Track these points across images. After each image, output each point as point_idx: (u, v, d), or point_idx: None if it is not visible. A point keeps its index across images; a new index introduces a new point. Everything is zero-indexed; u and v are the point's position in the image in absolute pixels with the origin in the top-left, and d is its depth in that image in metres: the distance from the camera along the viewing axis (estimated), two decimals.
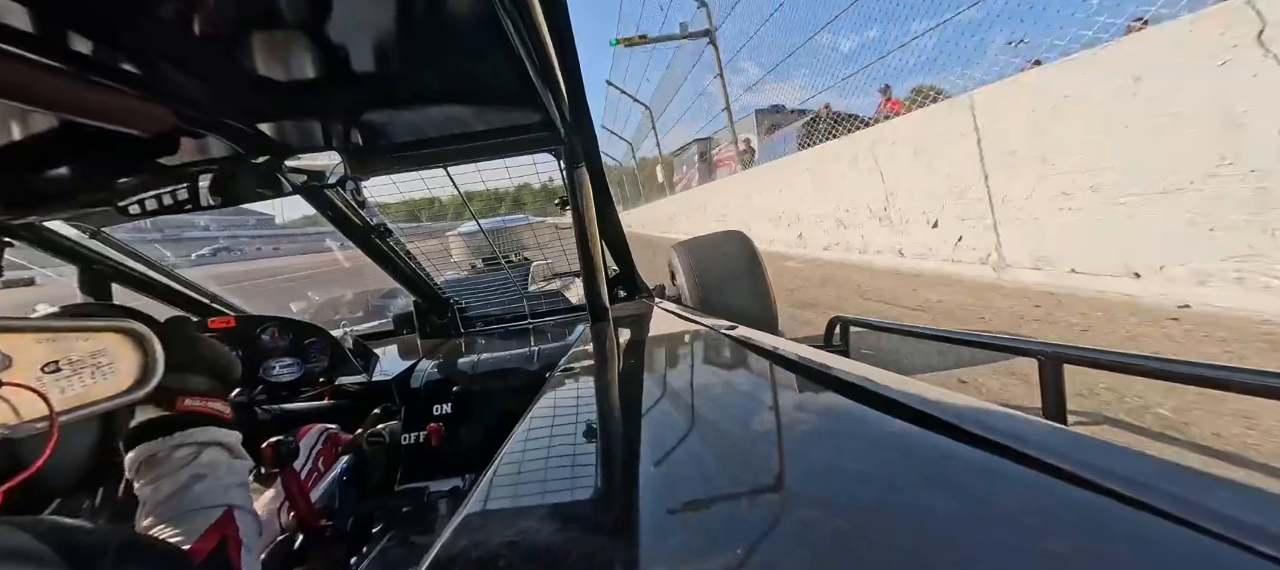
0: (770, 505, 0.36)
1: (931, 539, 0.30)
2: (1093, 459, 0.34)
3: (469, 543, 0.37)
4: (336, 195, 1.16)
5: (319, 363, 1.43)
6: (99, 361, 0.61)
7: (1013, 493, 0.33)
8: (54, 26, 0.53)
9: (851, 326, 1.25)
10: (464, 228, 2.05)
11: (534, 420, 0.60)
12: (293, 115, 0.85)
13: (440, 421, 1.35)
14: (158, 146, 0.83)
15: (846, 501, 0.35)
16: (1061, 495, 0.32)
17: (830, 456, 0.42)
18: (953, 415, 0.42)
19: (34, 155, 0.81)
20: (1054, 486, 0.33)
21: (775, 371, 0.66)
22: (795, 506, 0.35)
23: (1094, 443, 0.36)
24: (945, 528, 0.31)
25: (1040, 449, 0.35)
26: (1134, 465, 0.33)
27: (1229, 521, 0.27)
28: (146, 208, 0.82)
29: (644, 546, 0.34)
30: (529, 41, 0.67)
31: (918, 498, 0.34)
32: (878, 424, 0.46)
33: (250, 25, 0.59)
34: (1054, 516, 0.31)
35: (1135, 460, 0.34)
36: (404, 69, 0.73)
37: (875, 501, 0.35)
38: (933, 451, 0.40)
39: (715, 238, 2.02)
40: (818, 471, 0.40)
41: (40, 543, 0.41)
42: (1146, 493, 0.30)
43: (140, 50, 0.61)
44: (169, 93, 0.70)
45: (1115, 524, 0.29)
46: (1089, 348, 0.72)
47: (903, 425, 0.44)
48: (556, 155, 1.14)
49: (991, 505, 0.33)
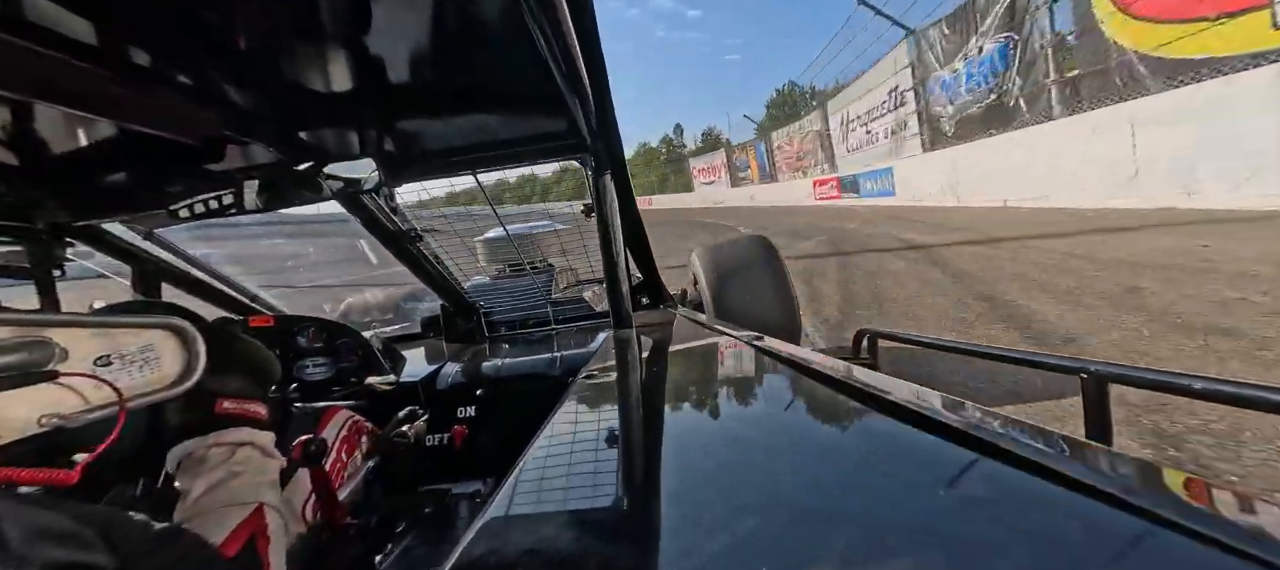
0: (794, 521, 0.35)
1: (963, 560, 0.29)
2: (1138, 481, 0.32)
3: (490, 547, 0.37)
4: (371, 201, 1.20)
5: (350, 363, 1.47)
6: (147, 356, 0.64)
7: (1056, 515, 0.32)
8: (112, 38, 0.57)
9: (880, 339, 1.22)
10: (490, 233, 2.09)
11: (556, 426, 0.61)
12: (332, 124, 0.89)
13: (464, 424, 1.37)
14: (207, 153, 0.88)
15: (872, 519, 0.34)
16: (1106, 519, 0.30)
17: (857, 472, 0.41)
18: (987, 432, 0.40)
19: (94, 161, 0.87)
20: (1098, 510, 0.31)
21: (801, 384, 0.65)
22: (819, 522, 0.35)
23: (1140, 464, 0.34)
24: (978, 550, 0.29)
25: (1083, 471, 0.34)
26: (1182, 489, 0.31)
27: None
28: (195, 211, 0.86)
29: (664, 558, 0.34)
30: (557, 50, 0.68)
31: (944, 517, 0.33)
32: (906, 439, 0.44)
33: (293, 37, 0.62)
34: (1098, 541, 0.29)
35: (1183, 483, 0.32)
36: (436, 79, 0.75)
37: (904, 521, 0.33)
38: (968, 471, 0.38)
39: (738, 243, 2.00)
40: (843, 487, 0.39)
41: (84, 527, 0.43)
42: (1195, 518, 0.28)
43: (192, 60, 0.65)
44: (218, 101, 0.73)
45: (1160, 550, 0.27)
46: (1136, 367, 0.68)
47: (937, 442, 0.42)
48: (583, 163, 1.16)
49: (1031, 528, 0.31)
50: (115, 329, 0.62)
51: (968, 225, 7.42)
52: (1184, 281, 3.28)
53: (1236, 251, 3.77)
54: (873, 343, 1.21)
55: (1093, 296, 3.33)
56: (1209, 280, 3.21)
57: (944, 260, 5.27)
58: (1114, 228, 5.56)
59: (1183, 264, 3.67)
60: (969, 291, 3.94)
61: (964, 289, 4.04)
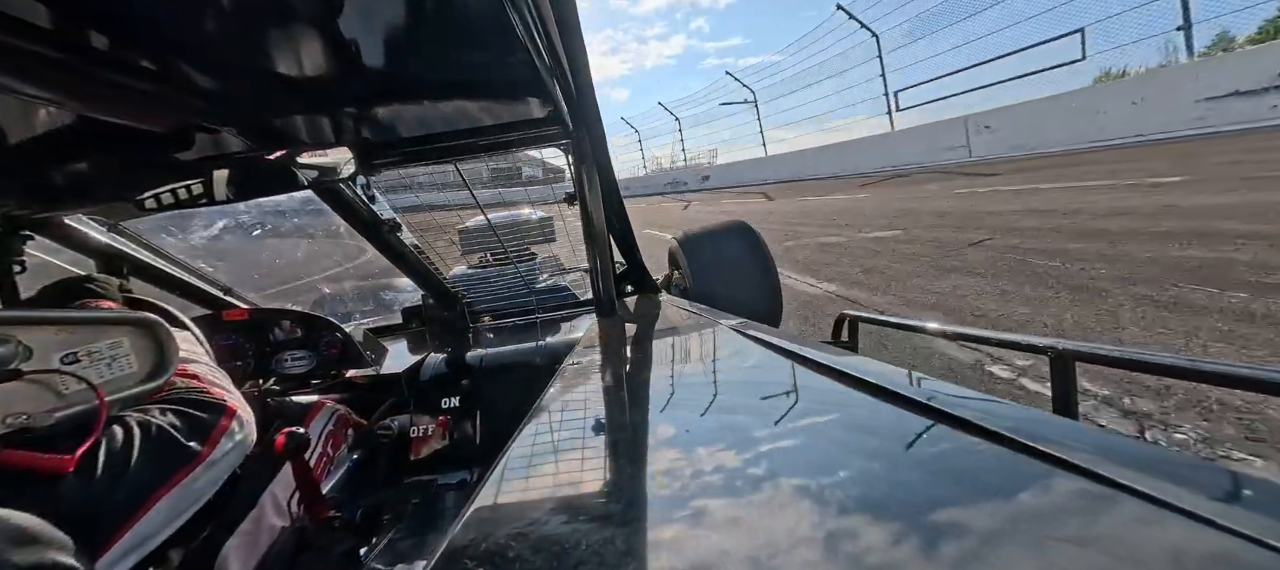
0: (778, 500, 0.36)
1: (942, 533, 0.30)
2: (1103, 453, 0.34)
3: (479, 535, 0.37)
4: (347, 190, 1.17)
5: (330, 355, 1.45)
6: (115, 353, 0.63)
7: (1027, 487, 0.33)
8: (71, 24, 0.54)
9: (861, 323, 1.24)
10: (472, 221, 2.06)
11: (541, 414, 0.61)
12: (305, 111, 0.86)
13: (448, 414, 1.36)
14: (174, 142, 0.85)
15: (854, 495, 0.35)
16: (1071, 488, 0.32)
17: (839, 452, 0.42)
18: (963, 410, 0.42)
19: (54, 151, 0.83)
20: (1064, 479, 0.33)
21: (782, 367, 0.66)
22: (803, 501, 0.36)
23: (1104, 437, 0.36)
24: (957, 522, 0.31)
25: (1052, 444, 0.35)
26: (1145, 459, 0.33)
27: (1239, 515, 0.27)
28: (163, 202, 0.83)
29: (651, 540, 0.34)
30: (537, 35, 0.67)
31: (924, 492, 0.34)
32: (887, 420, 0.46)
33: (263, 22, 0.59)
34: (1063, 508, 0.31)
35: (1147, 453, 0.33)
36: (413, 64, 0.73)
37: (882, 496, 0.35)
38: (942, 447, 0.40)
39: (719, 229, 2.01)
40: (826, 467, 0.40)
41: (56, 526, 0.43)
42: (1158, 487, 0.29)
43: (156, 47, 0.62)
44: (185, 89, 0.71)
45: (1125, 517, 0.29)
46: (1101, 345, 0.71)
47: (913, 420, 0.43)
48: (565, 150, 1.14)
49: (1005, 499, 0.33)
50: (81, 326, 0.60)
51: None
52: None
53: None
54: (853, 326, 1.23)
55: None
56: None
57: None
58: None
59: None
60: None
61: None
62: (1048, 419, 0.40)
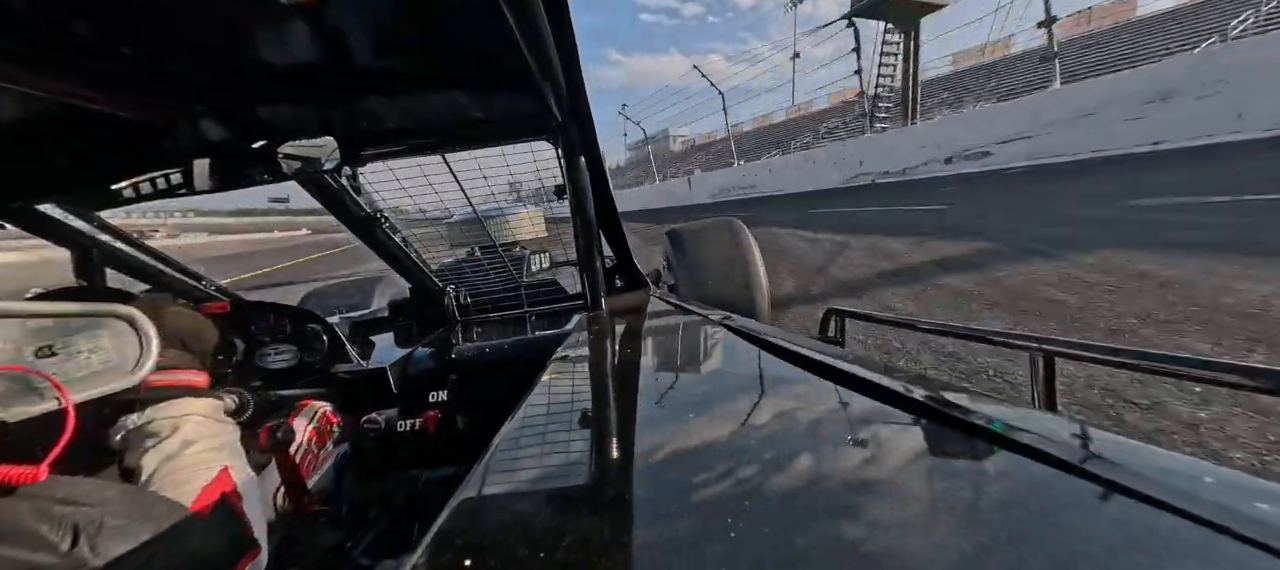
0: (762, 492, 0.36)
1: (925, 523, 0.30)
2: (1082, 446, 0.34)
3: (463, 526, 0.37)
4: (332, 181, 1.15)
5: (315, 350, 1.43)
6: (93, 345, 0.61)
7: (1009, 479, 0.34)
8: (49, 10, 0.52)
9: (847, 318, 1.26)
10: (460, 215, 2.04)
11: (529, 408, 0.61)
12: (288, 100, 0.84)
13: (436, 409, 1.35)
14: (153, 130, 0.83)
15: (836, 487, 0.35)
16: (1052, 479, 0.33)
17: (822, 444, 0.43)
18: (945, 405, 0.42)
19: (28, 138, 0.80)
20: (1044, 472, 0.33)
21: (769, 362, 0.67)
22: (787, 493, 0.36)
23: (1083, 430, 0.37)
24: (939, 512, 0.31)
25: (1033, 438, 0.36)
26: (1122, 452, 0.34)
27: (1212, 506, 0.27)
28: (141, 191, 0.81)
29: (637, 532, 0.34)
30: (526, 27, 0.66)
31: (907, 484, 0.35)
32: (870, 413, 0.46)
33: (245, 9, 0.58)
34: (1044, 499, 0.31)
35: (1123, 448, 0.34)
36: (400, 54, 0.72)
37: (865, 487, 0.35)
38: (925, 439, 0.40)
39: (707, 225, 2.02)
40: (809, 459, 0.40)
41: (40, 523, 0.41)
42: (1135, 479, 0.30)
43: (134, 34, 0.60)
44: (165, 76, 0.69)
45: (1102, 507, 0.29)
46: (1080, 341, 0.72)
47: (896, 413, 0.44)
48: (554, 143, 1.14)
49: (987, 491, 0.33)
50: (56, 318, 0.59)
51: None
52: None
53: None
54: (841, 322, 1.24)
55: None
56: None
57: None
58: None
59: None
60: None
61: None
62: (1029, 413, 0.41)
